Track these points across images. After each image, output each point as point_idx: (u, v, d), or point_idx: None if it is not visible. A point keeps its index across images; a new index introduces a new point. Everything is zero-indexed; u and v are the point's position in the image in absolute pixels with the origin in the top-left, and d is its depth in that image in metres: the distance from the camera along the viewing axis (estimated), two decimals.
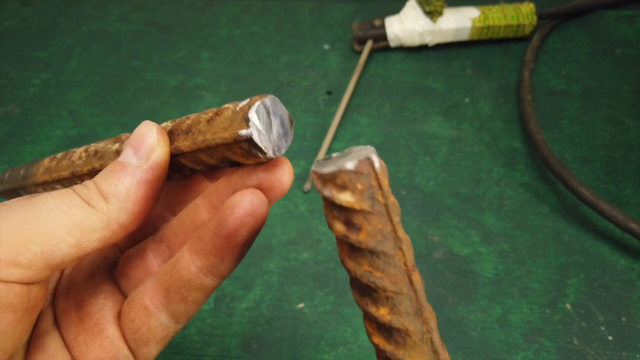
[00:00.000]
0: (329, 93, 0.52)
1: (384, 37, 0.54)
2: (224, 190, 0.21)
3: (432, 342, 0.17)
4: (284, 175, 0.20)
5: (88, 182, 0.20)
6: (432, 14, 0.52)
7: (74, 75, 0.55)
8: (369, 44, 0.54)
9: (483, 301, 0.39)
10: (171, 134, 0.21)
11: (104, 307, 0.22)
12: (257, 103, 0.18)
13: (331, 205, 0.16)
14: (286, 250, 0.42)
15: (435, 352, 0.17)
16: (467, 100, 0.51)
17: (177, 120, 0.21)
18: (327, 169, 0.16)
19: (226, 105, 0.20)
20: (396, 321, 0.17)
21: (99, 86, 0.54)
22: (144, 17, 0.61)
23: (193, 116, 0.21)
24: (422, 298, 0.17)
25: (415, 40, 0.54)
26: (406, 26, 0.53)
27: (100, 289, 0.23)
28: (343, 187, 0.16)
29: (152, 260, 0.23)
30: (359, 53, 0.54)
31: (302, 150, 0.48)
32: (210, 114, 0.20)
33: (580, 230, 0.42)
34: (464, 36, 0.53)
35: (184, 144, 0.20)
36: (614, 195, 0.44)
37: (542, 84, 0.52)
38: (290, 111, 0.51)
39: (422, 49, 0.55)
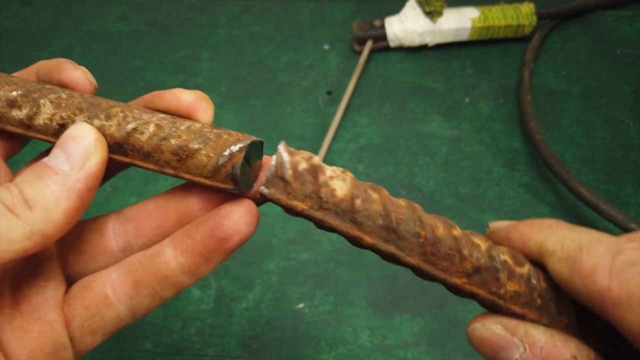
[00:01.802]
0: (329, 93, 0.52)
1: (384, 37, 0.54)
2: (216, 195, 0.21)
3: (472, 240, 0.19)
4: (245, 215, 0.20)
5: (11, 186, 0.18)
6: (432, 14, 0.52)
7: None
8: (369, 44, 0.54)
9: None
10: (119, 147, 0.20)
11: (45, 290, 0.20)
12: (241, 161, 0.19)
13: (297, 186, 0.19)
14: (286, 251, 0.42)
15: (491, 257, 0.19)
16: (467, 100, 0.51)
17: (118, 124, 0.20)
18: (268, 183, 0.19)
19: (194, 146, 0.19)
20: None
21: (99, 86, 0.54)
22: (144, 17, 0.61)
23: (145, 134, 0.19)
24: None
25: (415, 41, 0.54)
26: (406, 26, 0.53)
27: (40, 268, 0.21)
28: (294, 166, 0.19)
29: (112, 238, 0.22)
30: (359, 53, 0.54)
31: (302, 150, 0.48)
32: (174, 145, 0.19)
33: None
34: (464, 36, 0.53)
35: (143, 164, 0.20)
36: (614, 195, 0.44)
37: (542, 84, 0.52)
38: (290, 111, 0.51)
39: (422, 49, 0.55)
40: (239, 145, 0.19)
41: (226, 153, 0.19)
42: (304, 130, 0.50)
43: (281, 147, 0.19)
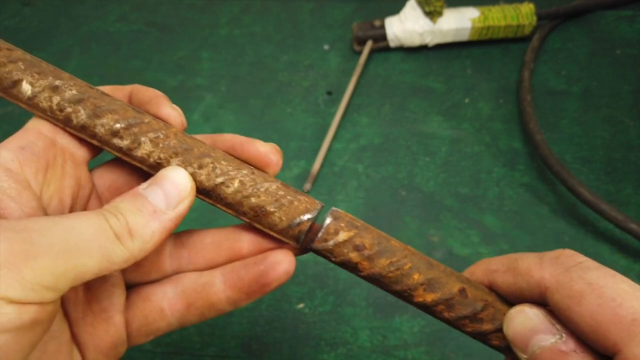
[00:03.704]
0: (329, 93, 0.52)
1: (384, 37, 0.54)
2: (265, 239, 0.24)
3: (453, 273, 0.23)
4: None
5: (119, 214, 0.20)
6: (432, 14, 0.52)
7: (74, 75, 0.55)
8: (369, 44, 0.54)
9: None
10: (206, 193, 0.23)
11: (112, 295, 0.24)
12: (307, 229, 0.23)
13: (339, 249, 0.22)
14: None
15: (458, 276, 0.23)
16: (467, 100, 0.51)
17: (208, 174, 0.23)
18: (318, 234, 0.23)
19: (270, 209, 0.23)
20: (427, 275, 0.22)
21: (99, 86, 0.54)
22: (144, 17, 0.61)
23: (230, 188, 0.23)
24: (424, 256, 0.23)
25: (415, 41, 0.54)
26: (406, 26, 0.53)
27: (108, 276, 0.24)
28: (336, 232, 0.22)
29: (167, 260, 0.25)
30: (359, 53, 0.54)
31: (302, 150, 0.48)
32: (253, 203, 0.23)
33: (580, 230, 0.42)
34: (464, 36, 0.53)
35: (223, 209, 0.24)
36: (614, 195, 0.44)
37: (542, 84, 0.52)
38: (290, 111, 0.51)
39: (422, 49, 0.55)
40: (307, 215, 0.23)
41: (296, 221, 0.23)
42: (304, 130, 0.50)
43: (328, 219, 0.23)
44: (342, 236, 0.22)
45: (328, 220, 0.22)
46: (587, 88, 0.51)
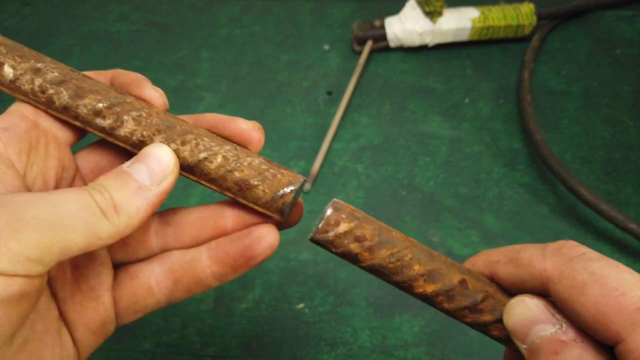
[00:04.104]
0: (329, 93, 0.52)
1: (383, 37, 0.54)
2: (248, 215, 0.25)
3: (454, 264, 0.23)
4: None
5: (104, 191, 0.21)
6: (432, 14, 0.52)
7: None
8: (368, 44, 0.54)
9: None
10: (190, 169, 0.23)
11: (100, 274, 0.24)
12: (290, 200, 0.23)
13: (340, 240, 0.23)
14: (285, 251, 0.42)
15: (459, 267, 0.23)
16: (467, 100, 0.51)
17: (191, 150, 0.23)
18: (319, 225, 0.23)
19: (254, 182, 0.23)
20: (428, 266, 0.23)
21: None
22: (144, 17, 0.61)
23: (213, 164, 0.23)
24: (425, 247, 0.23)
25: (415, 41, 0.54)
26: (406, 26, 0.53)
27: (95, 256, 0.24)
28: (337, 223, 0.22)
29: (153, 238, 0.26)
30: (359, 53, 0.54)
31: (302, 150, 0.48)
32: (237, 177, 0.23)
33: (580, 230, 0.42)
34: (464, 36, 0.53)
35: (207, 184, 0.24)
36: (614, 195, 0.44)
37: (542, 84, 0.52)
38: (290, 111, 0.51)
39: (422, 49, 0.55)
40: (291, 187, 0.23)
41: (279, 193, 0.23)
42: (304, 130, 0.50)
43: (329, 211, 0.23)
44: (343, 227, 0.22)
45: (329, 212, 0.23)
46: (587, 88, 0.51)
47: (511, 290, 0.22)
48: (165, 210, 0.26)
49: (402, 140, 0.49)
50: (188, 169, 0.23)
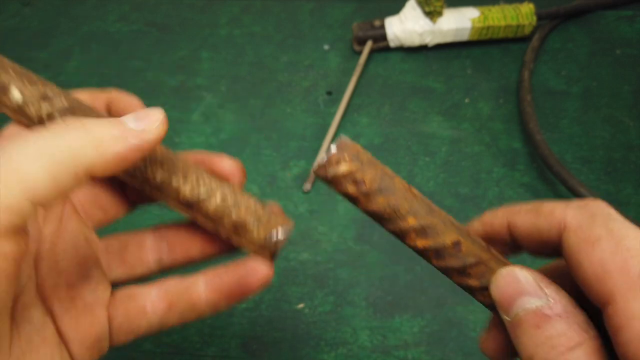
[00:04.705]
0: (329, 93, 0.52)
1: (383, 37, 0.54)
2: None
3: (453, 224, 0.22)
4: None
5: (82, 127, 0.20)
6: (432, 14, 0.52)
7: (74, 75, 0.55)
8: (368, 44, 0.54)
9: None
10: (188, 206, 0.24)
11: (96, 291, 0.25)
12: (282, 245, 0.24)
13: (338, 180, 0.22)
14: (286, 251, 0.42)
15: (458, 228, 0.23)
16: (467, 100, 0.51)
17: (192, 188, 0.24)
18: (321, 161, 0.22)
19: (250, 225, 0.24)
20: (422, 221, 0.22)
21: (99, 86, 0.54)
22: (144, 17, 0.61)
23: (212, 203, 0.24)
24: (427, 201, 0.23)
25: (415, 41, 0.54)
26: (406, 26, 0.53)
27: (91, 272, 0.25)
28: (338, 162, 0.22)
29: (149, 253, 0.26)
30: (359, 53, 0.54)
31: (302, 150, 0.48)
32: (234, 218, 0.24)
33: None
34: (464, 36, 0.53)
35: (203, 222, 0.24)
36: (614, 195, 0.44)
37: (542, 84, 0.52)
38: (290, 111, 0.51)
39: (422, 49, 0.55)
40: (283, 233, 0.24)
41: (273, 239, 0.24)
42: (304, 130, 0.50)
43: (333, 148, 0.22)
44: (343, 168, 0.22)
45: (332, 149, 0.22)
46: (587, 88, 0.51)
47: (526, 241, 0.22)
48: (159, 225, 0.27)
49: (402, 140, 0.49)
50: (187, 205, 0.24)
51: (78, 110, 0.24)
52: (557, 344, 0.18)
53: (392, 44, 0.54)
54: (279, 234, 0.24)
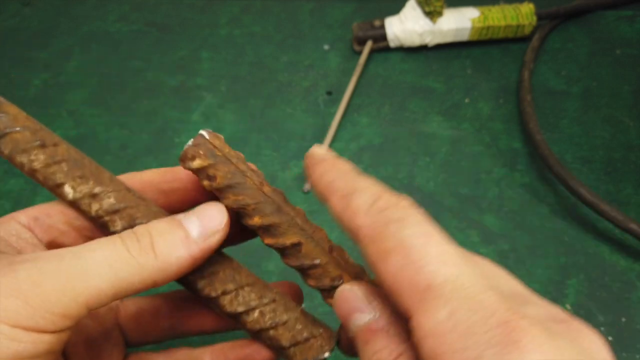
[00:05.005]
0: (329, 93, 0.52)
1: (383, 37, 0.54)
2: None
3: (297, 225, 0.23)
4: None
5: (143, 234, 0.20)
6: (432, 14, 0.52)
7: (74, 75, 0.55)
8: (368, 44, 0.54)
9: None
10: (226, 315, 0.24)
11: (112, 353, 0.25)
12: None
13: (195, 173, 0.23)
14: None
15: (303, 229, 0.24)
16: (467, 100, 0.51)
17: (230, 301, 0.24)
18: (181, 153, 0.23)
19: (286, 345, 0.24)
20: (266, 221, 0.23)
21: (99, 86, 0.54)
22: (144, 17, 0.61)
23: (250, 317, 0.24)
24: (278, 200, 0.23)
25: (415, 41, 0.54)
26: (406, 26, 0.53)
27: (110, 333, 0.25)
28: (192, 158, 0.23)
29: (164, 320, 0.27)
30: (359, 53, 0.54)
31: (302, 150, 0.48)
32: (270, 335, 0.24)
33: (580, 230, 0.42)
34: (464, 36, 0.53)
35: (241, 328, 0.25)
36: (614, 195, 0.44)
37: (542, 84, 0.52)
38: (290, 111, 0.51)
39: (422, 49, 0.55)
40: (322, 355, 0.24)
41: None
42: (304, 130, 0.50)
43: (189, 143, 0.23)
44: (197, 163, 0.23)
45: (189, 143, 0.23)
46: (587, 88, 0.51)
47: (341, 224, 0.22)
48: (170, 292, 0.27)
49: (402, 140, 0.49)
50: (225, 316, 0.24)
51: (126, 210, 0.24)
52: (381, 358, 0.18)
53: (392, 44, 0.54)
54: (320, 357, 0.24)
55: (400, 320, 0.19)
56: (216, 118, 0.51)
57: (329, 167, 0.22)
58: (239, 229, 0.24)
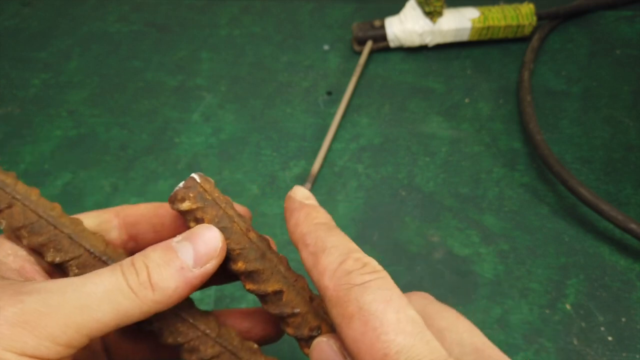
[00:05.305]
0: (329, 93, 0.52)
1: (383, 37, 0.54)
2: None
3: (280, 273, 0.24)
4: None
5: (141, 267, 0.21)
6: (432, 14, 0.52)
7: (74, 75, 0.55)
8: (368, 45, 0.54)
9: (483, 302, 0.39)
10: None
11: None
12: None
13: (183, 215, 0.24)
14: (286, 251, 0.42)
15: (284, 277, 0.24)
16: (466, 100, 0.51)
17: None
18: (172, 194, 0.23)
19: None
20: (249, 266, 0.23)
21: (99, 86, 0.54)
22: (143, 17, 0.61)
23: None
24: (262, 247, 0.24)
25: (415, 41, 0.54)
26: (406, 27, 0.53)
27: (98, 357, 0.26)
28: (182, 200, 0.23)
29: (144, 347, 0.27)
30: (359, 53, 0.54)
31: (302, 150, 0.48)
32: None
33: (580, 230, 0.42)
34: (464, 37, 0.53)
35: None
36: (614, 195, 0.44)
37: (541, 84, 0.52)
38: (290, 111, 0.51)
39: (422, 49, 0.55)
40: None
41: None
42: (304, 130, 0.50)
43: (180, 185, 0.23)
44: (186, 205, 0.23)
45: (179, 186, 0.23)
46: (587, 88, 0.51)
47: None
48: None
49: (402, 140, 0.49)
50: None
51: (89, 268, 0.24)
52: None
53: (392, 44, 0.54)
54: None
55: None
56: (216, 118, 0.51)
57: (303, 217, 0.22)
58: (221, 272, 0.24)
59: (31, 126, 0.51)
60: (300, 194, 0.23)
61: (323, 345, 0.21)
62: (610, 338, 0.37)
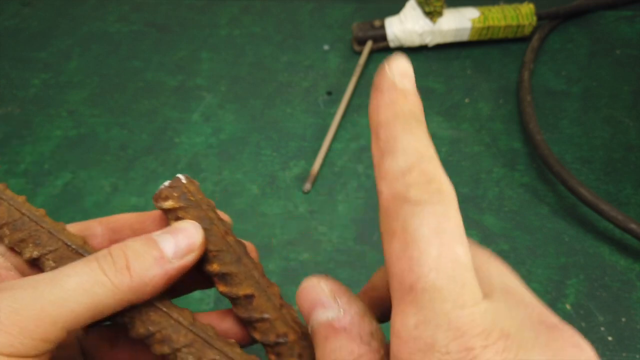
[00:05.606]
0: (329, 93, 0.52)
1: (383, 37, 0.54)
2: None
3: (253, 277, 0.24)
4: None
5: (118, 254, 0.21)
6: (432, 14, 0.52)
7: (74, 75, 0.55)
8: (368, 45, 0.54)
9: None
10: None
11: None
12: None
13: (165, 213, 0.24)
14: (286, 251, 0.42)
15: (257, 282, 0.24)
16: (466, 100, 0.51)
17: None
18: (157, 191, 0.24)
19: None
20: (224, 269, 0.23)
21: (99, 86, 0.54)
22: (143, 17, 0.61)
23: None
24: (239, 252, 0.24)
25: (415, 41, 0.54)
26: (406, 27, 0.53)
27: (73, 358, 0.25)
28: (166, 198, 0.24)
29: (125, 354, 0.26)
30: (359, 53, 0.54)
31: (302, 150, 0.48)
32: None
33: (580, 230, 0.42)
34: (464, 37, 0.53)
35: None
36: (614, 195, 0.44)
37: (541, 84, 0.52)
38: (290, 111, 0.51)
39: (422, 49, 0.55)
40: None
41: None
42: (304, 130, 0.50)
43: (165, 184, 0.24)
44: (168, 204, 0.24)
45: (164, 185, 0.24)
46: (587, 88, 0.51)
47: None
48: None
49: None
50: None
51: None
52: (338, 357, 0.18)
53: (392, 44, 0.54)
54: None
55: (365, 323, 0.19)
56: (216, 118, 0.51)
57: (385, 103, 0.19)
58: (196, 273, 0.24)
59: (31, 126, 0.51)
60: (397, 69, 0.19)
61: (313, 285, 0.20)
62: (610, 338, 0.37)
